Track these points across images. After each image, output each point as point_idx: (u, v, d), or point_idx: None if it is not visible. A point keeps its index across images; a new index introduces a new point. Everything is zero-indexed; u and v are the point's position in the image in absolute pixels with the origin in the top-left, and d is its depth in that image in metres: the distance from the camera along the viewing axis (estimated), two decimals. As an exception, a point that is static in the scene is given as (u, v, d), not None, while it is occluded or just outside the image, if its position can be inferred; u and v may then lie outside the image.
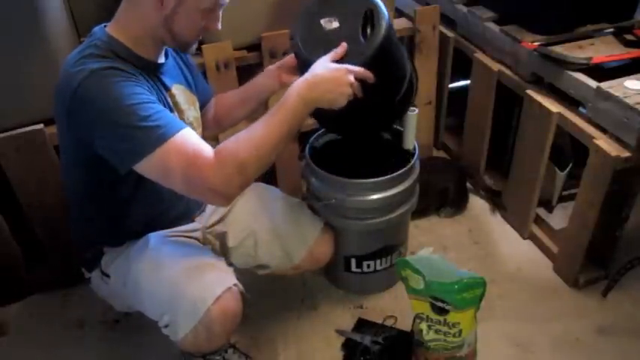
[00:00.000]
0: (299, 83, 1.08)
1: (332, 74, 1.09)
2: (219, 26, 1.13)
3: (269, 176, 1.82)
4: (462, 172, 1.98)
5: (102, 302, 1.38)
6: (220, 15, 1.12)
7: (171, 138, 0.99)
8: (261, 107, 1.44)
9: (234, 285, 1.15)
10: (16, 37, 1.34)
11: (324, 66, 1.11)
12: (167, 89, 1.17)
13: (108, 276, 1.25)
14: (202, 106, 1.38)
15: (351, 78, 1.10)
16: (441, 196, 1.88)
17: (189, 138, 1.02)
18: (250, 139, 1.03)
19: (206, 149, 1.01)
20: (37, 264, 1.67)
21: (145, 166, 1.01)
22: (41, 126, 1.43)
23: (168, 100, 1.17)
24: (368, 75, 1.13)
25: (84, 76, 0.99)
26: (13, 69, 1.37)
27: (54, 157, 1.47)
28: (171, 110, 1.15)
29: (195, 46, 1.16)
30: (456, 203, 1.91)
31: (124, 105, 0.98)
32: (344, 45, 1.15)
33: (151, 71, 1.13)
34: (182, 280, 1.11)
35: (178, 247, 1.23)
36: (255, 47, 1.64)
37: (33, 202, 1.52)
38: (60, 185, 1.47)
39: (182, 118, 1.20)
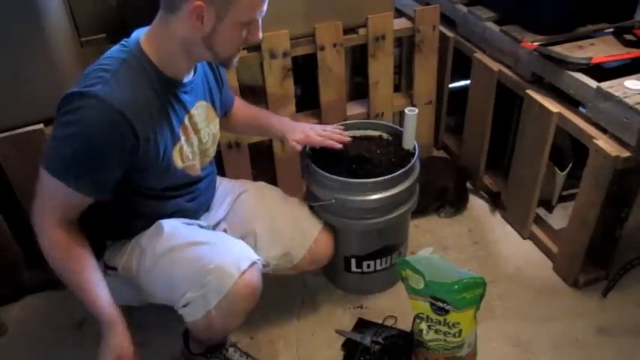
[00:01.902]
0: (111, 320, 1.08)
1: (112, 350, 1.07)
2: (260, 35, 1.10)
3: (269, 176, 1.82)
4: (461, 172, 1.98)
5: (102, 302, 1.38)
6: (260, 24, 1.09)
7: (62, 183, 1.03)
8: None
9: (258, 260, 1.16)
10: (16, 37, 1.34)
11: (117, 342, 1.08)
12: (187, 110, 1.16)
13: (112, 268, 1.24)
14: (225, 110, 1.41)
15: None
16: (441, 195, 1.88)
17: (69, 198, 1.05)
18: (67, 273, 1.09)
19: (54, 222, 1.06)
20: (37, 264, 1.67)
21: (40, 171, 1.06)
22: (41, 126, 1.43)
23: (186, 122, 1.16)
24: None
25: (88, 91, 0.99)
26: (13, 69, 1.37)
27: (54, 157, 1.47)
28: (176, 140, 1.15)
29: (236, 59, 1.14)
30: (455, 203, 1.91)
31: (81, 143, 1.00)
32: None
33: (173, 92, 1.12)
34: (206, 256, 1.12)
35: (193, 229, 1.24)
36: (255, 47, 1.64)
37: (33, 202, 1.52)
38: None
39: (198, 138, 1.22)
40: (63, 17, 1.45)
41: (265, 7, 1.07)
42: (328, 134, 1.43)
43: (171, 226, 1.21)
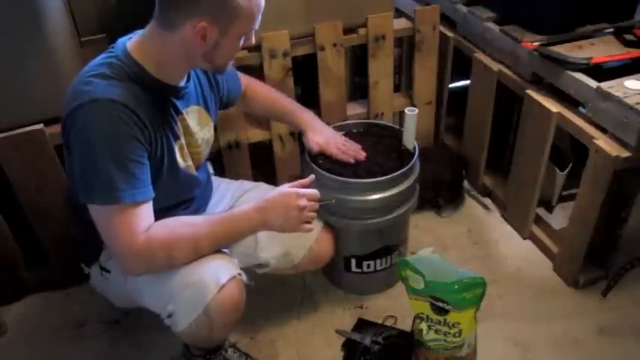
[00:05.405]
0: (250, 206, 1.15)
1: (281, 198, 1.15)
2: (254, 40, 1.13)
3: (269, 176, 1.82)
4: (457, 160, 1.96)
5: (102, 302, 1.38)
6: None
7: (116, 205, 1.01)
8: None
9: (239, 274, 1.15)
10: (16, 37, 1.34)
11: (277, 190, 1.17)
12: (179, 113, 1.16)
13: (107, 271, 1.25)
14: (232, 102, 1.44)
15: (302, 202, 1.15)
16: (436, 184, 1.85)
17: (136, 213, 1.03)
18: (189, 240, 1.09)
19: (140, 231, 1.03)
20: (37, 264, 1.67)
21: (89, 209, 1.04)
22: (41, 126, 1.43)
23: (178, 125, 1.16)
24: (316, 196, 1.18)
25: (84, 101, 0.99)
26: (13, 69, 1.37)
27: (54, 157, 1.47)
28: (177, 137, 1.15)
29: (230, 65, 1.16)
30: (451, 191, 1.89)
31: (106, 147, 1.00)
32: (312, 177, 1.23)
33: (166, 95, 1.12)
34: (186, 269, 1.11)
35: None
36: (255, 47, 1.64)
37: (33, 201, 1.52)
38: (60, 185, 1.47)
39: (191, 141, 1.21)
40: (63, 17, 1.45)
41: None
42: (345, 149, 1.49)
43: None
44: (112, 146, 1.00)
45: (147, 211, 1.06)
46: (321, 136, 1.48)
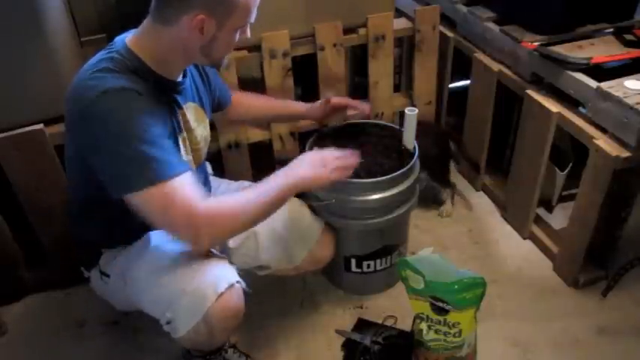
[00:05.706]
0: (285, 174, 1.16)
1: (312, 157, 1.20)
2: (249, 34, 1.13)
3: (269, 176, 1.82)
4: (444, 135, 1.95)
5: (102, 302, 1.38)
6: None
7: (163, 182, 0.99)
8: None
9: (237, 282, 1.14)
10: (16, 37, 1.34)
11: (306, 154, 1.22)
12: (179, 107, 1.17)
13: (107, 275, 1.25)
14: (222, 108, 1.43)
15: (331, 160, 1.19)
16: (422, 159, 1.82)
17: (183, 186, 1.01)
18: (248, 212, 1.09)
19: (194, 202, 1.01)
20: (37, 264, 1.67)
21: (132, 200, 1.01)
22: (41, 126, 1.43)
23: (179, 119, 1.16)
24: (352, 162, 1.23)
25: (97, 94, 0.98)
26: (13, 69, 1.37)
27: (54, 157, 1.47)
28: (180, 130, 1.16)
29: (227, 60, 1.18)
30: (438, 165, 1.87)
31: (131, 132, 0.98)
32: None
33: (166, 90, 1.12)
34: (185, 276, 1.11)
35: (180, 245, 1.23)
36: (255, 47, 1.64)
37: (33, 202, 1.52)
38: (60, 185, 1.47)
39: (191, 137, 1.21)
40: (63, 17, 1.45)
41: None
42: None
43: (159, 240, 1.19)
44: (137, 129, 0.99)
45: (194, 181, 1.04)
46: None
